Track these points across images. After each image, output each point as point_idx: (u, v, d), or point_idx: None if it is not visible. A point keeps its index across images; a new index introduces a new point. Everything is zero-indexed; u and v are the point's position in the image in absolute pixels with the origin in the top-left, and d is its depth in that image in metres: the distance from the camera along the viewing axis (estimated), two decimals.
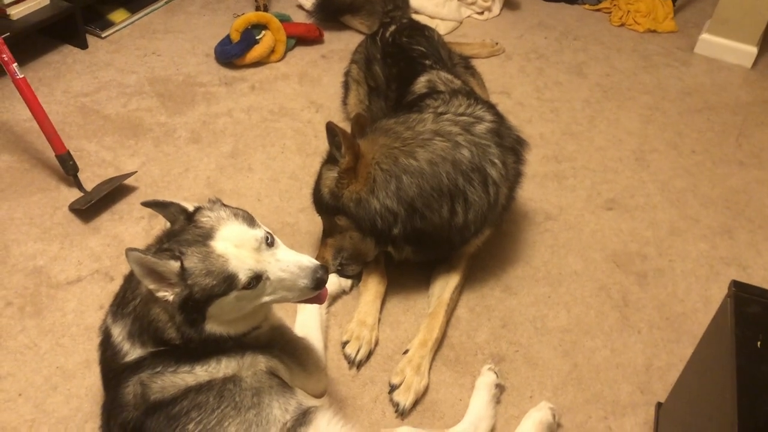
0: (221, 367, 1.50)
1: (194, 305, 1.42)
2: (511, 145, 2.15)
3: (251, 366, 1.53)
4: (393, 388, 1.90)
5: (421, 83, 2.37)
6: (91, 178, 2.48)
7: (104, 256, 2.22)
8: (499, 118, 2.19)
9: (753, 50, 3.37)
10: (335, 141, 1.96)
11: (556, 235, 2.43)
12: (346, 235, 2.08)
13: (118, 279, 2.14)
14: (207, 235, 1.43)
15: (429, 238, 2.04)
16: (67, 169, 2.40)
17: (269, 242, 1.47)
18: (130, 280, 1.56)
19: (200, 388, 1.46)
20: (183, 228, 1.46)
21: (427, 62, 2.49)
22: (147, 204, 1.56)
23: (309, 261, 1.49)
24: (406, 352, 1.98)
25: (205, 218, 1.46)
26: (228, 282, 1.40)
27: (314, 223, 2.29)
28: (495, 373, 1.91)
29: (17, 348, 1.94)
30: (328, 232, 2.14)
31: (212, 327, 1.46)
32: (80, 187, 2.42)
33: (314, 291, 1.49)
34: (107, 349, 1.56)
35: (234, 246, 1.42)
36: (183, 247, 1.41)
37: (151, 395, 1.45)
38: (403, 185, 1.96)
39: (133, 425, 1.44)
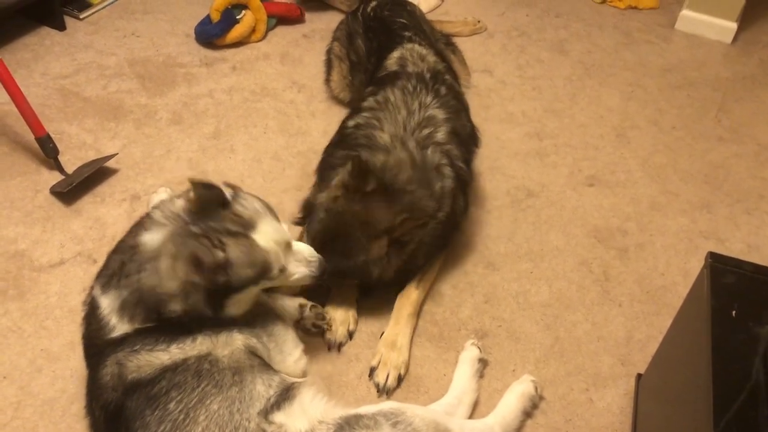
0: (195, 345, 1.51)
1: (224, 291, 1.49)
2: (465, 139, 2.21)
3: (227, 344, 1.54)
4: (372, 371, 1.91)
5: (393, 59, 2.37)
6: (71, 160, 2.47)
7: (87, 239, 2.21)
8: (454, 112, 2.20)
9: (733, 26, 3.38)
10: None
11: (538, 211, 2.45)
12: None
13: (101, 261, 2.10)
14: (248, 226, 1.52)
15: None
16: (48, 151, 2.38)
17: None
18: (128, 250, 1.55)
19: (176, 368, 1.47)
20: (217, 213, 1.51)
21: (407, 33, 2.49)
22: (194, 183, 1.53)
23: (313, 253, 1.67)
24: (382, 335, 1.99)
25: (242, 208, 1.53)
26: (264, 272, 1.54)
27: (298, 203, 2.29)
28: (478, 347, 1.93)
29: (0, 331, 1.94)
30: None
31: (229, 310, 1.54)
32: (61, 169, 2.40)
33: (317, 280, 1.68)
34: (92, 323, 1.56)
35: (273, 241, 1.54)
36: (224, 237, 1.48)
37: (128, 375, 1.47)
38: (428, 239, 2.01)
39: (114, 407, 1.46)
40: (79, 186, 2.32)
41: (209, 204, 1.51)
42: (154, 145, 2.58)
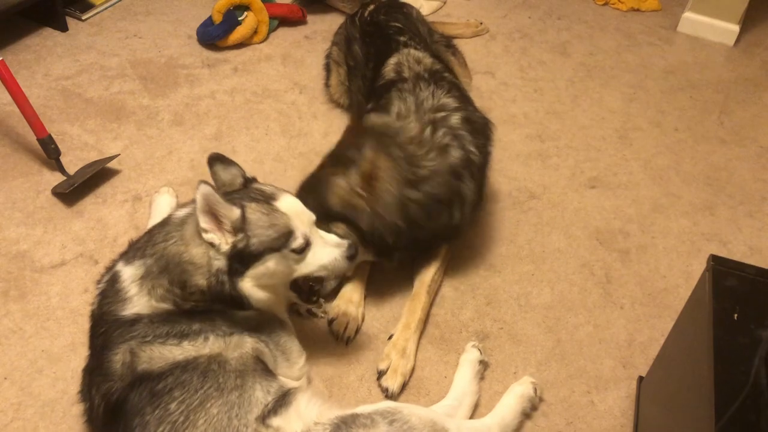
0: (208, 344, 1.52)
1: (245, 257, 1.53)
2: (480, 129, 2.18)
3: (237, 347, 1.55)
4: (380, 374, 1.90)
5: (390, 66, 2.35)
6: (73, 161, 2.47)
7: (88, 240, 2.21)
8: (464, 102, 2.21)
9: (735, 28, 3.38)
10: (363, 153, 1.92)
11: (539, 213, 2.45)
12: None
13: (102, 262, 2.15)
14: (270, 197, 1.60)
15: (425, 240, 2.07)
16: (49, 152, 2.38)
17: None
18: (157, 226, 1.62)
19: (186, 366, 1.48)
20: (242, 189, 1.62)
21: (402, 38, 2.48)
22: (212, 158, 1.68)
23: (340, 240, 1.71)
24: (390, 337, 1.98)
25: (266, 186, 1.64)
26: (285, 238, 1.57)
27: None
28: (478, 349, 1.93)
29: (2, 332, 1.94)
30: None
31: (246, 284, 1.56)
32: (63, 170, 2.40)
33: (348, 261, 1.69)
34: (108, 296, 1.57)
35: (295, 212, 1.60)
36: (245, 201, 1.55)
37: (139, 365, 1.47)
38: (410, 211, 1.96)
39: (117, 397, 1.46)
40: (80, 187, 2.32)
41: (228, 176, 1.64)
42: (156, 146, 2.58)
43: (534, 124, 2.86)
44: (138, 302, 1.53)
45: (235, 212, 1.50)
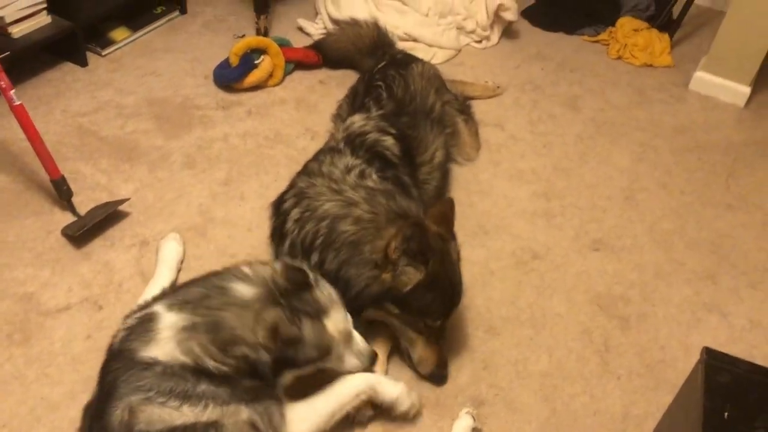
0: (207, 412, 1.55)
1: (288, 362, 1.68)
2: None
3: (233, 415, 1.58)
4: None
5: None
6: (84, 201, 2.51)
7: (94, 284, 2.25)
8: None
9: (746, 90, 3.40)
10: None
11: (542, 275, 2.46)
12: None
13: (106, 308, 2.18)
14: (322, 312, 1.72)
15: None
16: (62, 194, 2.42)
17: None
18: (214, 288, 1.69)
19: (185, 430, 1.50)
20: (299, 292, 1.70)
21: (365, 99, 2.58)
22: (287, 266, 1.76)
23: (366, 347, 1.88)
24: None
25: (320, 294, 1.74)
26: (324, 356, 1.74)
27: None
28: (472, 416, 1.93)
29: (3, 377, 1.96)
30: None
31: (284, 379, 1.72)
32: (74, 211, 2.44)
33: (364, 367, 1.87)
34: (133, 333, 1.62)
35: (338, 331, 1.74)
36: (302, 316, 1.67)
37: (136, 426, 1.49)
38: None
39: None
40: (89, 229, 2.36)
41: (296, 283, 1.70)
42: (166, 189, 2.62)
43: (541, 180, 2.88)
44: (163, 347, 1.57)
45: (294, 332, 1.64)
